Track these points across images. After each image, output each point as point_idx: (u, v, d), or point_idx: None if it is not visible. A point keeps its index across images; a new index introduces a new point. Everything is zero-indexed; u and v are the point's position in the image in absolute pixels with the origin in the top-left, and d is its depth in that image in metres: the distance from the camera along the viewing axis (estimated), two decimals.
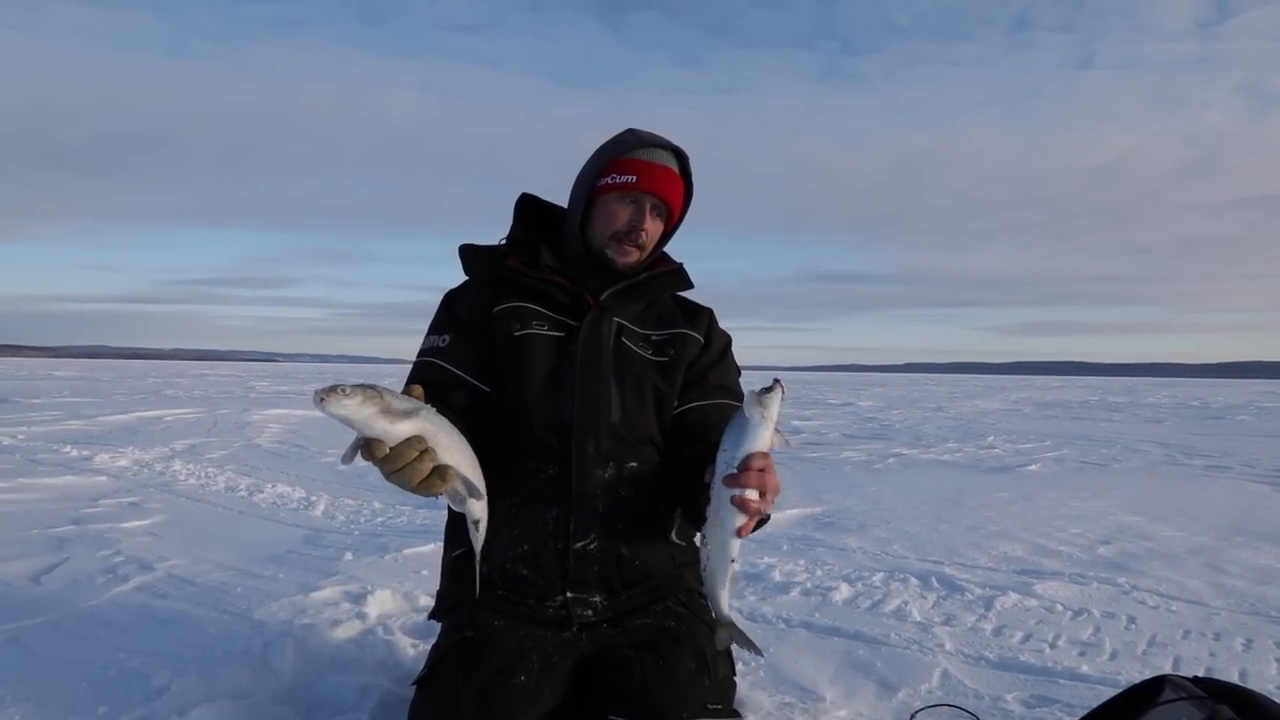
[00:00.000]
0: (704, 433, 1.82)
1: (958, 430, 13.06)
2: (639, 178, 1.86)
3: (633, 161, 1.88)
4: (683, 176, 1.96)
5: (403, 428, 1.36)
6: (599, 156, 1.91)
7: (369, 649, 2.68)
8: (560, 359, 1.87)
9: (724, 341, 2.08)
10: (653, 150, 1.90)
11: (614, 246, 1.90)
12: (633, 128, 1.93)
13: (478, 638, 1.79)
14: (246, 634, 2.79)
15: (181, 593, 3.35)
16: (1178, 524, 5.24)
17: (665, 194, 1.90)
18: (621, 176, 1.87)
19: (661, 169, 1.89)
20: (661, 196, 1.90)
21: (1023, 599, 3.48)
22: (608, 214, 1.89)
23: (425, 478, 1.39)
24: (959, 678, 2.62)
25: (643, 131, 1.93)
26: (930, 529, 4.93)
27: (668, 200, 1.92)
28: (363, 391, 1.31)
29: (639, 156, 1.88)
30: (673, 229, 2.04)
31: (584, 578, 1.85)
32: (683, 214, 2.02)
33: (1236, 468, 8.50)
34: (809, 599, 3.45)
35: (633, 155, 1.88)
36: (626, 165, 1.87)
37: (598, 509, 1.83)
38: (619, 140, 1.91)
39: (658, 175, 1.88)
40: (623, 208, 1.89)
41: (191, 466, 7.02)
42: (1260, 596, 3.60)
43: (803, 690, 2.50)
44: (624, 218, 1.89)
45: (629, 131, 1.93)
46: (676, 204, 1.96)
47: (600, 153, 1.92)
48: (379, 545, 4.27)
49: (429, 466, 1.39)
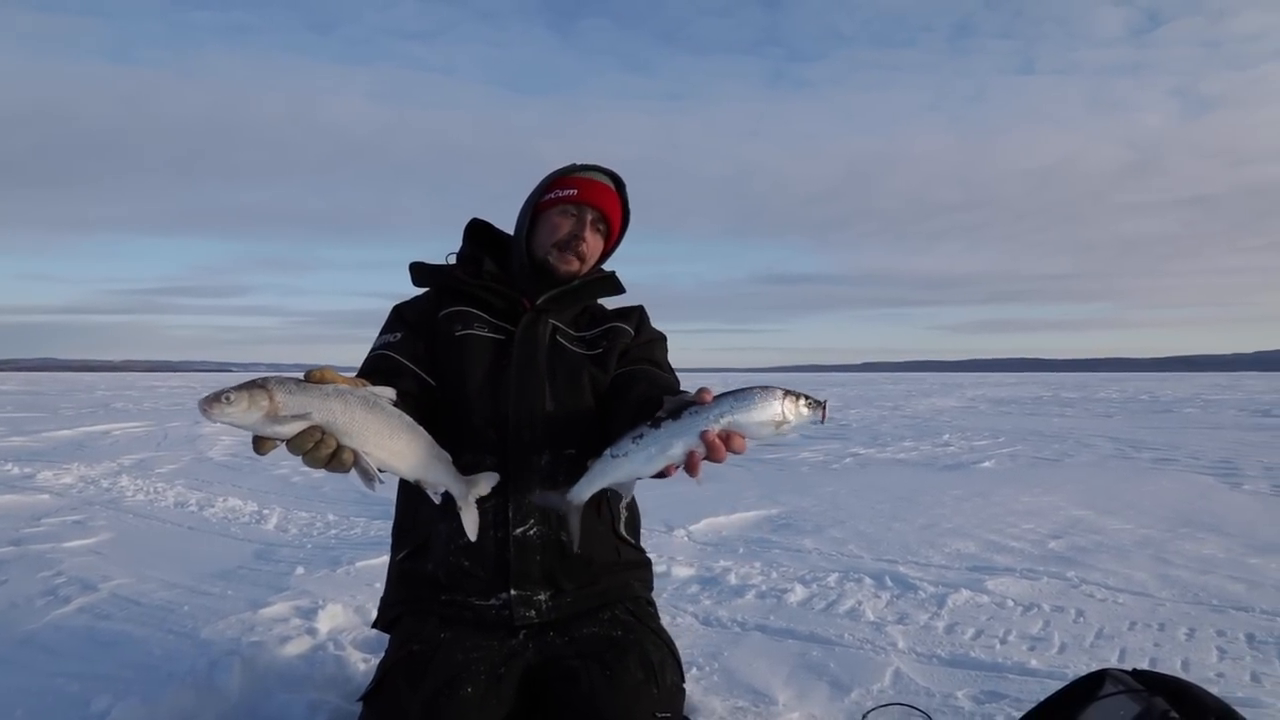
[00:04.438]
0: (629, 387, 1.90)
1: (914, 429, 13.21)
2: (579, 191, 2.00)
3: (574, 179, 2.02)
4: (621, 200, 2.10)
5: (292, 426, 1.35)
6: (545, 179, 2.04)
7: (319, 665, 2.64)
8: (499, 358, 1.94)
9: (654, 334, 2.15)
10: (593, 172, 2.06)
11: (556, 255, 2.01)
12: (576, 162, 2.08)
13: (424, 650, 1.78)
14: (192, 654, 2.73)
15: (125, 613, 3.27)
16: (1126, 517, 5.34)
17: (604, 207, 2.03)
18: (564, 191, 2.01)
19: (602, 185, 2.04)
20: (601, 209, 2.03)
21: (975, 596, 3.53)
22: (551, 225, 2.01)
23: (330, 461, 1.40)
24: (911, 676, 2.64)
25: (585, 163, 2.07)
26: (885, 528, 4.97)
27: (606, 214, 2.05)
28: (249, 396, 1.30)
29: (580, 176, 2.03)
30: (611, 247, 2.16)
31: (527, 570, 1.87)
32: (620, 234, 2.15)
33: (1183, 460, 8.69)
34: (764, 601, 3.46)
35: (574, 175, 2.03)
36: (568, 182, 2.02)
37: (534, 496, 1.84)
38: (562, 167, 2.06)
39: (597, 190, 2.03)
40: (565, 219, 2.01)
41: (140, 482, 6.87)
42: (1203, 586, 3.68)
43: (756, 693, 2.51)
44: (566, 228, 2.01)
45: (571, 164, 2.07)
46: (615, 220, 2.09)
47: (546, 177, 2.05)
48: (332, 558, 4.22)
49: (327, 453, 1.39)
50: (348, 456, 1.42)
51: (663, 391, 1.71)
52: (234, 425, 1.31)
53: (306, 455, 1.38)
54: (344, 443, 1.41)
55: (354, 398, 1.43)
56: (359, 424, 1.43)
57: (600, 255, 2.11)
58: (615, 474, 1.57)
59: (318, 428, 1.38)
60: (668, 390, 1.83)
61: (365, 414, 1.44)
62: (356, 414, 1.42)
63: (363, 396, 1.45)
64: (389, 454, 1.49)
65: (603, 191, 2.03)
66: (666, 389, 1.84)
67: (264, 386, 1.32)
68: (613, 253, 2.17)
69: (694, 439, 1.46)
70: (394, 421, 1.49)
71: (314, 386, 1.39)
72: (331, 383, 1.42)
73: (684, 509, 5.33)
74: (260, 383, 1.33)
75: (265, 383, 1.34)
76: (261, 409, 1.31)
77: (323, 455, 1.39)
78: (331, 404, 1.39)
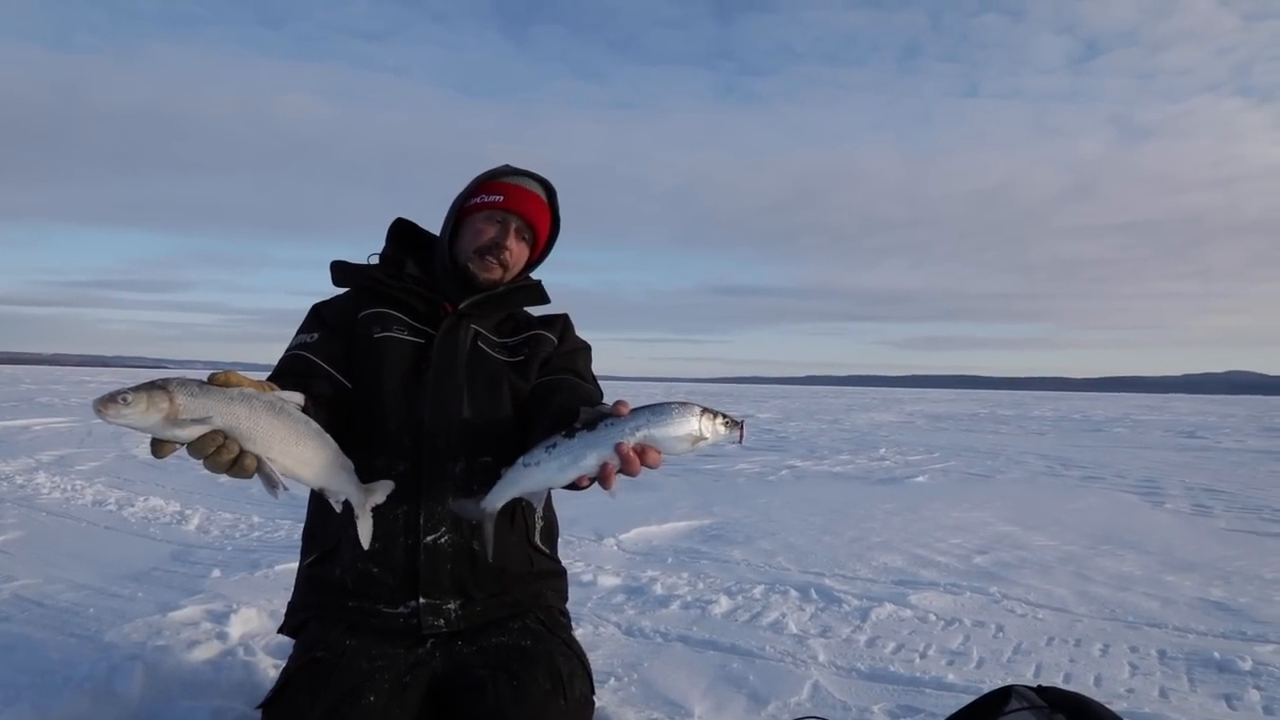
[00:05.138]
0: (549, 396, 1.87)
1: (851, 442, 13.36)
2: (505, 198, 1.97)
3: (500, 184, 1.99)
4: (551, 209, 2.06)
5: (192, 430, 1.30)
6: (472, 182, 2.00)
7: (225, 671, 2.56)
8: (417, 362, 1.91)
9: (578, 344, 2.13)
10: (522, 178, 2.01)
11: (477, 261, 1.97)
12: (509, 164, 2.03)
13: (328, 658, 1.74)
14: (92, 658, 2.62)
15: (26, 615, 3.14)
16: (1051, 533, 5.45)
17: (530, 216, 2.00)
18: (489, 196, 1.97)
19: (529, 193, 2.00)
20: (526, 218, 1.99)
21: (898, 609, 3.56)
22: (474, 231, 1.98)
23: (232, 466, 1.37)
24: (829, 689, 2.65)
25: (517, 166, 2.03)
26: (815, 540, 5.00)
27: (533, 222, 2.01)
28: (147, 397, 1.25)
29: (508, 181, 1.99)
30: (539, 257, 2.12)
31: (436, 579, 1.83)
32: (549, 244, 2.12)
33: (1109, 478, 8.91)
34: (688, 612, 3.45)
35: (502, 180, 1.99)
36: (494, 187, 1.98)
37: (448, 503, 1.81)
38: (492, 169, 2.01)
39: (523, 198, 1.99)
40: (489, 225, 1.97)
41: (57, 479, 6.65)
42: (1120, 603, 3.75)
43: (672, 705, 2.49)
44: (489, 234, 1.97)
45: (504, 165, 2.02)
46: (542, 229, 2.05)
47: (474, 179, 2.00)
48: (251, 561, 4.11)
49: (229, 458, 1.36)
50: (250, 462, 1.38)
51: (582, 402, 1.69)
52: (131, 427, 1.26)
53: (208, 460, 1.34)
54: (247, 448, 1.37)
55: (259, 402, 1.39)
56: (263, 429, 1.39)
57: (526, 263, 2.08)
58: (527, 483, 1.56)
59: (220, 432, 1.34)
60: (587, 401, 1.81)
61: (270, 419, 1.40)
62: (261, 419, 1.38)
63: (268, 401, 1.40)
64: (293, 461, 1.45)
65: (529, 199, 1.99)
66: (586, 400, 1.82)
67: (164, 388, 1.28)
68: (541, 261, 2.14)
69: (608, 451, 1.45)
70: (299, 428, 1.46)
71: (218, 389, 1.34)
72: (237, 385, 1.37)
73: (615, 518, 5.31)
74: (160, 384, 1.28)
75: (166, 384, 1.29)
76: (161, 411, 1.26)
77: (224, 460, 1.35)
78: (235, 408, 1.35)
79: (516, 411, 1.94)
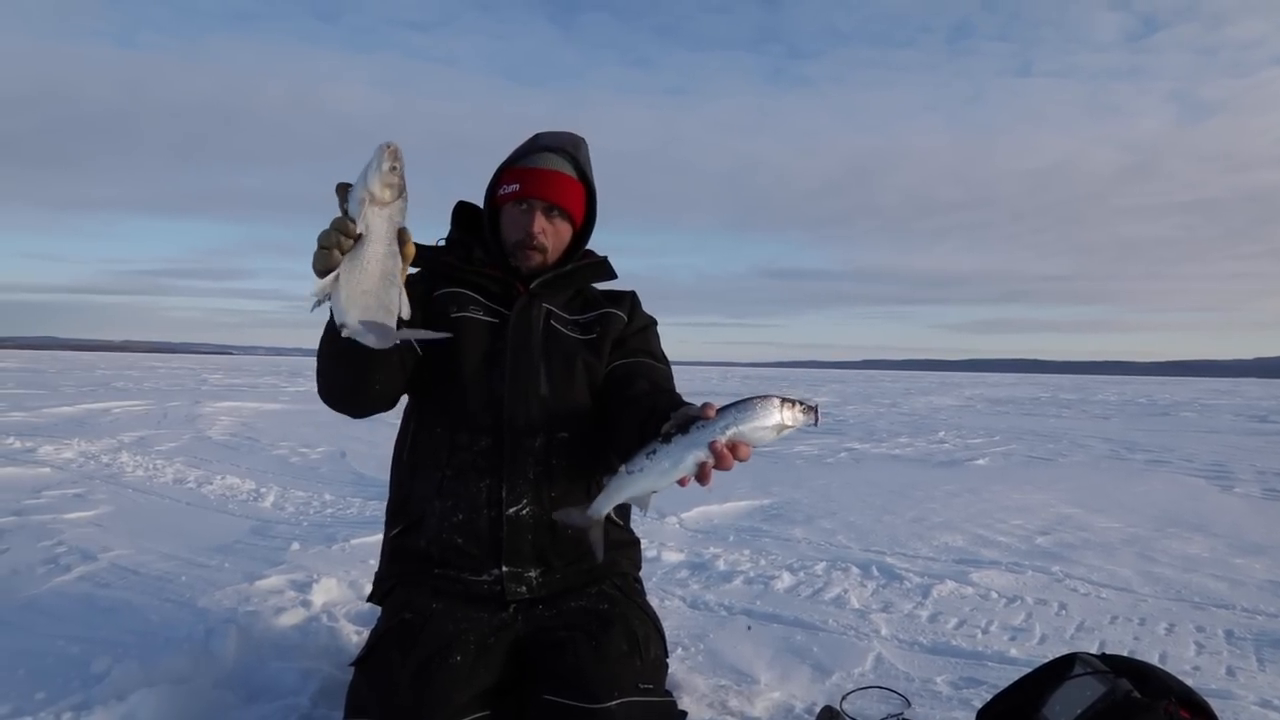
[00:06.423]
0: (629, 382, 1.94)
1: (910, 425, 13.25)
2: (521, 185, 1.98)
3: (518, 170, 2.00)
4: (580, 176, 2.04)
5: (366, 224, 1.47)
6: (497, 169, 2.03)
7: (312, 635, 2.70)
8: (494, 341, 1.96)
9: (646, 320, 2.17)
10: (542, 155, 2.01)
11: (516, 255, 2.01)
12: (542, 131, 2.04)
13: (416, 620, 1.83)
14: (189, 621, 2.79)
15: (124, 582, 3.33)
16: (1115, 515, 5.39)
17: (553, 196, 1.99)
18: (509, 186, 1.99)
19: (545, 173, 1.99)
20: (548, 199, 1.99)
21: (959, 587, 3.58)
22: (507, 224, 2.02)
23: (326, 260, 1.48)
24: (892, 661, 2.70)
25: (544, 134, 2.04)
26: (875, 520, 5.03)
27: (557, 202, 2.00)
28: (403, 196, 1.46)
29: (526, 164, 2.00)
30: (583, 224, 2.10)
31: (518, 548, 1.91)
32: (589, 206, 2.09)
33: (1176, 462, 8.74)
34: (751, 587, 3.52)
35: (521, 164, 2.00)
36: (513, 175, 2.00)
37: (529, 476, 1.90)
38: (518, 148, 2.03)
39: (541, 180, 1.98)
40: (516, 217, 2.00)
41: (139, 458, 6.92)
42: (1185, 584, 3.73)
43: (739, 673, 2.57)
44: (518, 228, 2.00)
45: (533, 136, 2.04)
46: (570, 203, 2.03)
47: (499, 165, 2.04)
48: (327, 535, 4.28)
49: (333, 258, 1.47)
50: (335, 261, 1.48)
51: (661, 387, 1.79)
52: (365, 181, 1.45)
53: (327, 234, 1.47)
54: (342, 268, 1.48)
55: (392, 260, 1.51)
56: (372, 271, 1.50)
57: (574, 236, 2.09)
58: (632, 488, 1.64)
59: (352, 241, 1.47)
60: (666, 385, 1.93)
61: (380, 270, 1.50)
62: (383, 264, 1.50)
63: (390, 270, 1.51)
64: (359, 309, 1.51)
65: (547, 180, 1.98)
66: (665, 384, 1.94)
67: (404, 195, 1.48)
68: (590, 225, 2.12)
69: (703, 451, 1.53)
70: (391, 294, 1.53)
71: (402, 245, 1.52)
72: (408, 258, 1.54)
73: (677, 497, 5.36)
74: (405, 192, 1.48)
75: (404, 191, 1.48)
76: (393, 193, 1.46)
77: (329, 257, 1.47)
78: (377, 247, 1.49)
79: (591, 388, 2.00)
